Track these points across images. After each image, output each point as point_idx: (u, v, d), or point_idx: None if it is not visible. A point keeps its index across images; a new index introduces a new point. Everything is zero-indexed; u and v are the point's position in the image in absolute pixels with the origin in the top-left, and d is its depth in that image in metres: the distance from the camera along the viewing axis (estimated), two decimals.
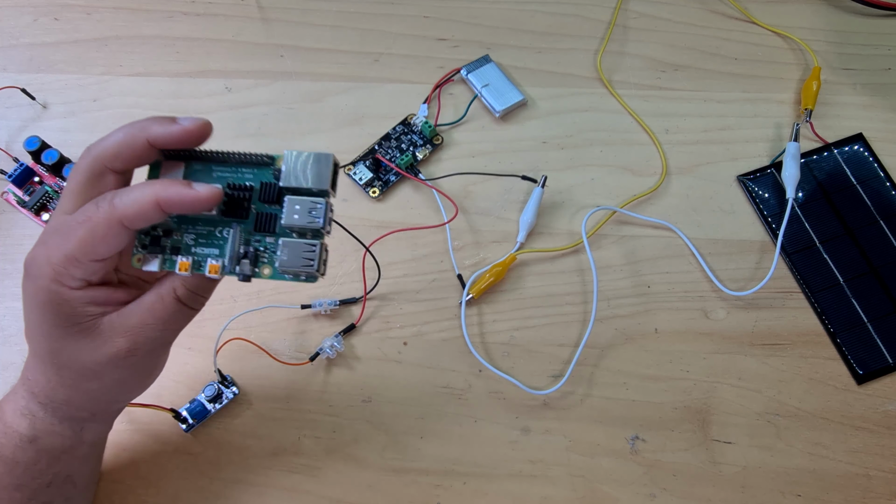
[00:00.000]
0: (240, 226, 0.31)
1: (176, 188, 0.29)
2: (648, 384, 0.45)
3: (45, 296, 0.30)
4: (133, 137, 0.30)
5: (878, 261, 0.48)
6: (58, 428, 0.34)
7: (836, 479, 0.43)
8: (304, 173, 0.30)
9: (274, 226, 0.31)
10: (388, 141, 0.52)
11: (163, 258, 0.32)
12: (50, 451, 0.35)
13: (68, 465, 0.36)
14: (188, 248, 0.32)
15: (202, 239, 0.32)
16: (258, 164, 0.31)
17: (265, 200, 0.31)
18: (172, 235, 0.32)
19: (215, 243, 0.32)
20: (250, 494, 0.43)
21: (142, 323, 0.31)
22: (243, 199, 0.31)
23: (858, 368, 0.45)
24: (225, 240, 0.31)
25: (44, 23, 0.56)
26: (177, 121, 0.30)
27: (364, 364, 0.46)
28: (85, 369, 0.32)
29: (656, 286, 0.47)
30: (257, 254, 0.31)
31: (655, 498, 0.42)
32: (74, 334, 0.31)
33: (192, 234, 0.32)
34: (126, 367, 0.32)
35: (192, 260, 0.31)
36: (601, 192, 0.50)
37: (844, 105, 0.53)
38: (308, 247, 0.30)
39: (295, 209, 0.30)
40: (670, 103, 0.53)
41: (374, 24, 0.56)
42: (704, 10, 0.57)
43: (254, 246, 0.31)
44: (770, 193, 0.50)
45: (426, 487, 0.43)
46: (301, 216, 0.30)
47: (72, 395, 0.33)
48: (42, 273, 0.30)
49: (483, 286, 0.47)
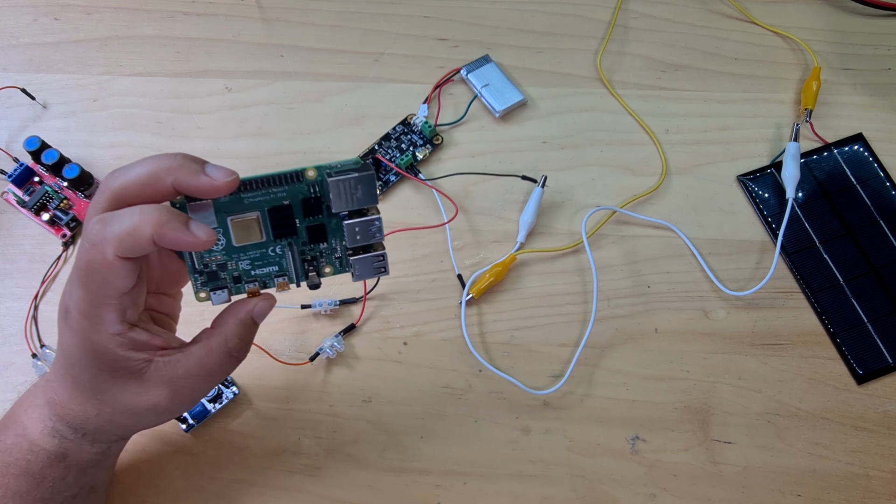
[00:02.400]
0: (292, 242, 0.33)
1: (172, 230, 0.28)
2: (648, 384, 0.45)
3: (90, 346, 0.30)
4: (157, 179, 0.29)
5: (878, 261, 0.48)
6: (87, 447, 0.35)
7: (836, 479, 0.43)
8: (355, 196, 0.31)
9: (324, 235, 0.33)
10: (388, 141, 0.52)
11: (228, 289, 0.33)
12: (79, 466, 0.35)
13: (94, 476, 0.37)
14: (248, 272, 0.33)
15: (258, 261, 0.33)
16: (288, 181, 0.31)
17: (309, 215, 0.32)
18: (227, 267, 0.32)
19: (273, 261, 0.33)
20: (250, 494, 0.43)
21: (188, 374, 0.31)
22: (288, 218, 0.32)
23: (858, 368, 0.45)
24: (280, 255, 0.33)
25: (44, 23, 0.56)
26: (205, 170, 0.29)
27: (364, 364, 0.46)
28: (126, 409, 0.32)
29: (656, 286, 0.47)
30: (316, 261, 0.33)
31: (655, 498, 0.42)
32: (121, 377, 0.31)
33: (246, 260, 0.32)
34: (165, 413, 0.32)
35: (258, 283, 0.33)
36: (601, 192, 0.50)
37: (844, 105, 0.53)
38: (375, 258, 0.33)
39: (356, 231, 0.32)
40: (670, 103, 0.53)
41: (374, 24, 0.56)
42: (704, 10, 0.57)
43: (310, 255, 0.33)
44: (770, 193, 0.50)
45: (426, 487, 0.43)
46: (363, 236, 0.32)
47: (106, 426, 0.33)
48: (79, 326, 0.30)
49: (483, 286, 0.47)
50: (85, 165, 0.49)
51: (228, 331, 0.32)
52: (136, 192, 0.29)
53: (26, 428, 0.34)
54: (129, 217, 0.28)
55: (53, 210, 0.48)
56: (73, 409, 0.33)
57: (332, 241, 0.33)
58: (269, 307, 0.33)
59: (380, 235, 0.32)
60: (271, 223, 0.32)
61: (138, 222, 0.27)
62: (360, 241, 0.32)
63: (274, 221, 0.32)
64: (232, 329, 0.32)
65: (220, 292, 0.32)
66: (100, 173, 0.51)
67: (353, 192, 0.31)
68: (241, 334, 0.32)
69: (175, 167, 0.29)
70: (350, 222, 0.32)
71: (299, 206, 0.32)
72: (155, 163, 0.29)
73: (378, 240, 0.32)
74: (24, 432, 0.34)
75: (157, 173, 0.28)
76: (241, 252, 0.32)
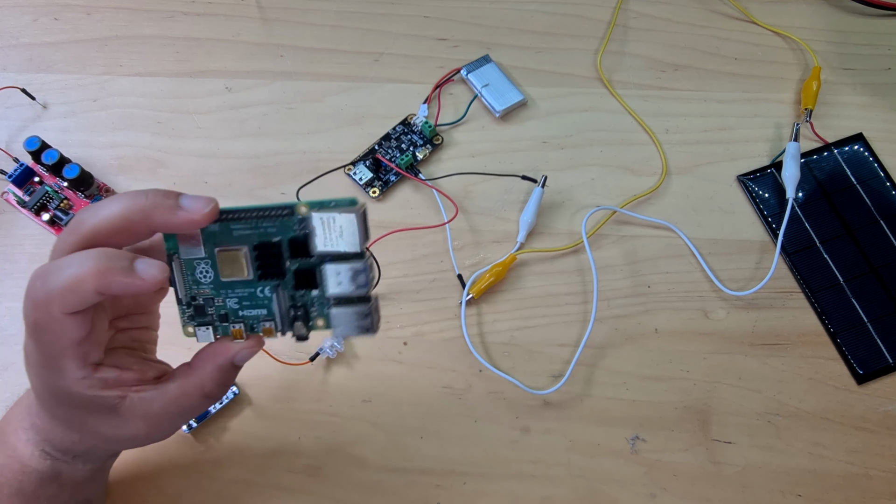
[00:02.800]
0: (280, 285, 0.30)
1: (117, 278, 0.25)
2: (648, 384, 0.45)
3: (56, 391, 0.29)
4: (131, 223, 0.27)
5: (878, 261, 0.48)
6: (80, 466, 0.34)
7: (836, 479, 0.43)
8: (339, 238, 0.28)
9: (314, 280, 0.30)
10: (388, 141, 0.52)
11: (214, 327, 0.31)
12: (73, 484, 0.35)
13: (90, 492, 0.37)
14: (234, 312, 0.30)
15: (246, 301, 0.30)
16: (278, 216, 0.29)
17: (297, 256, 0.29)
18: (215, 302, 0.30)
19: (261, 304, 0.30)
20: (250, 494, 0.43)
21: (164, 412, 0.30)
22: (275, 257, 0.29)
23: (858, 368, 0.45)
24: (269, 298, 0.30)
25: (44, 23, 0.56)
26: (181, 204, 0.27)
27: (364, 364, 0.46)
28: (106, 440, 0.31)
29: (656, 286, 0.47)
30: (306, 310, 0.30)
31: (655, 498, 0.42)
32: (97, 412, 0.30)
33: (234, 298, 0.30)
34: (146, 441, 0.32)
35: (244, 325, 0.30)
36: (601, 192, 0.50)
37: (844, 105, 0.53)
38: (360, 314, 0.29)
39: (338, 278, 0.29)
40: (670, 103, 0.53)
41: (374, 24, 0.56)
42: (704, 10, 0.57)
43: (300, 302, 0.30)
44: (770, 193, 0.50)
45: (426, 487, 0.43)
46: (345, 285, 0.29)
47: (93, 450, 0.34)
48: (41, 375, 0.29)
49: (483, 286, 0.47)
50: (85, 165, 0.49)
51: (205, 375, 0.30)
52: (108, 237, 0.27)
53: (16, 449, 0.33)
54: (68, 271, 0.26)
55: (54, 210, 0.48)
56: (57, 435, 0.32)
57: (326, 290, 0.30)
58: (253, 353, 0.31)
59: (366, 288, 0.29)
60: (258, 261, 0.29)
61: (79, 275, 0.25)
62: (342, 289, 0.29)
63: (260, 259, 0.29)
64: (209, 374, 0.30)
65: (206, 330, 0.30)
66: (100, 173, 0.51)
67: (337, 234, 0.28)
68: (219, 379, 0.31)
69: (148, 208, 0.27)
70: (332, 266, 0.29)
71: (288, 245, 0.29)
72: (127, 203, 0.27)
73: (363, 292, 0.29)
74: (15, 453, 0.33)
75: (129, 216, 0.27)
76: (228, 289, 0.30)
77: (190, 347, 0.31)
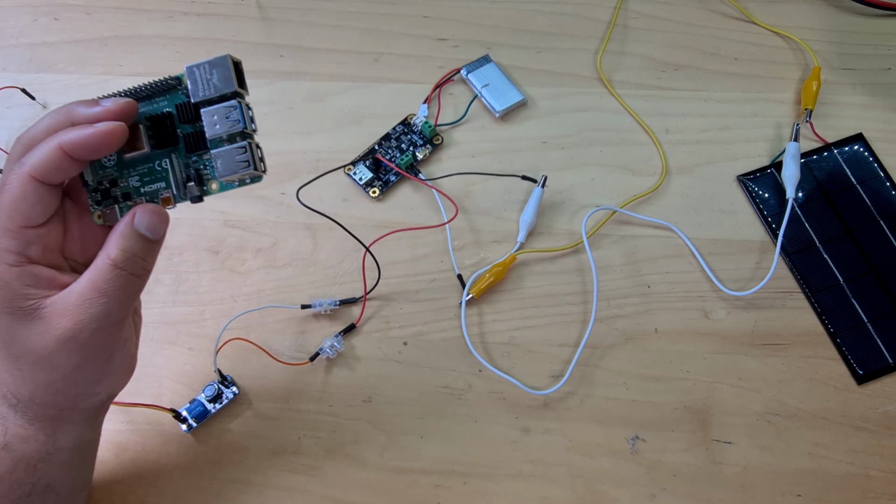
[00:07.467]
0: (174, 153, 0.32)
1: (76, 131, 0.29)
2: (648, 384, 0.45)
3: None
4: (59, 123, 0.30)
5: (878, 261, 0.48)
6: (30, 432, 0.33)
7: (836, 479, 0.43)
8: (210, 82, 0.30)
9: (204, 142, 0.32)
10: (388, 141, 0.52)
11: (119, 208, 0.32)
12: (26, 458, 0.33)
13: (46, 473, 0.35)
14: (137, 189, 0.32)
15: (147, 177, 0.32)
16: (167, 89, 0.32)
17: (186, 121, 0.32)
18: (119, 184, 0.32)
19: (160, 177, 0.32)
20: (250, 494, 0.43)
21: (82, 299, 0.30)
22: (167, 127, 0.32)
23: (858, 368, 0.45)
24: (167, 171, 0.32)
25: (44, 23, 0.56)
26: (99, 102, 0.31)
27: (364, 364, 0.46)
28: (38, 357, 0.31)
29: (656, 286, 0.47)
30: (199, 173, 0.32)
31: (655, 498, 0.42)
32: (21, 319, 0.30)
33: (135, 176, 0.32)
34: (77, 351, 0.31)
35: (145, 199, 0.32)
36: (601, 191, 0.50)
37: (844, 105, 0.53)
38: (238, 150, 0.30)
39: (214, 120, 0.30)
40: (670, 103, 0.53)
41: (374, 24, 0.56)
42: (704, 10, 0.57)
43: (194, 167, 0.32)
44: (770, 193, 0.50)
45: (426, 487, 0.43)
46: (221, 124, 0.30)
47: (34, 390, 0.32)
48: None
49: (483, 286, 0.47)
50: None
51: (110, 245, 0.31)
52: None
53: None
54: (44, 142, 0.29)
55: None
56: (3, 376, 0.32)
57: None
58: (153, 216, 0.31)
59: (242, 124, 0.30)
60: (150, 131, 0.32)
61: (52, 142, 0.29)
62: (219, 130, 0.30)
63: (153, 130, 0.32)
64: (112, 242, 0.31)
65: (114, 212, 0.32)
66: None
67: (208, 79, 0.30)
68: (123, 246, 0.31)
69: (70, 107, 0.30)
70: (206, 109, 0.30)
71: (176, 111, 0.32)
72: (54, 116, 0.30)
73: (240, 128, 0.30)
74: None
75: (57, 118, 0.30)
76: (130, 168, 0.32)
77: (190, 347, 0.31)
